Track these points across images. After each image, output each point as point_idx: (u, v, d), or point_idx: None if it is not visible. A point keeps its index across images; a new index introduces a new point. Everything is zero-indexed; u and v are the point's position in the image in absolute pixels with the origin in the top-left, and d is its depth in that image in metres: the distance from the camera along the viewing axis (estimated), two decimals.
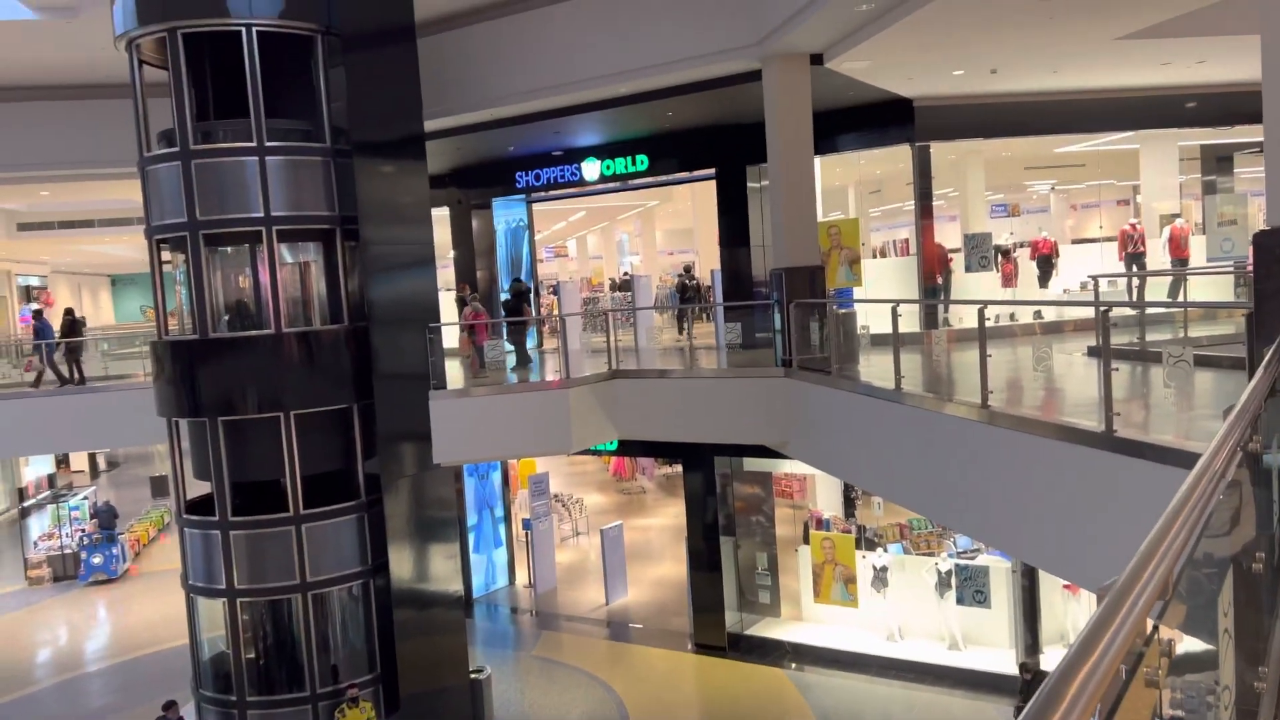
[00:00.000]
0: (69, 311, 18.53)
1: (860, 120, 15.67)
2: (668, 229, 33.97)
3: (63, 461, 35.10)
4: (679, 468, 18.95)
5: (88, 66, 15.09)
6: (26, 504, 31.23)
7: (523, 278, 19.41)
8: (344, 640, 13.58)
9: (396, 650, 13.17)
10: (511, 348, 15.09)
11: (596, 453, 23.16)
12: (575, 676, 16.23)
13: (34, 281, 36.29)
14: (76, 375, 17.33)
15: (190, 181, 12.49)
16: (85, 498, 26.26)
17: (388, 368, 13.05)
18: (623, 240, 35.63)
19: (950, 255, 16.19)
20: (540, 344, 17.18)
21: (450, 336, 15.45)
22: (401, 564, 13.25)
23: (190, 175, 12.49)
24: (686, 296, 18.96)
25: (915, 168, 15.85)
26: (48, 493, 31.79)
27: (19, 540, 26.61)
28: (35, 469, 33.13)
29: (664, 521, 23.91)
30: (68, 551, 23.62)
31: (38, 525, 26.51)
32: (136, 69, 13.00)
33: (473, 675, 14.37)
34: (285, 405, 12.70)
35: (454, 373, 14.64)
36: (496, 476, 20.79)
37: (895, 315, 9.62)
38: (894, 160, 16.92)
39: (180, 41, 12.35)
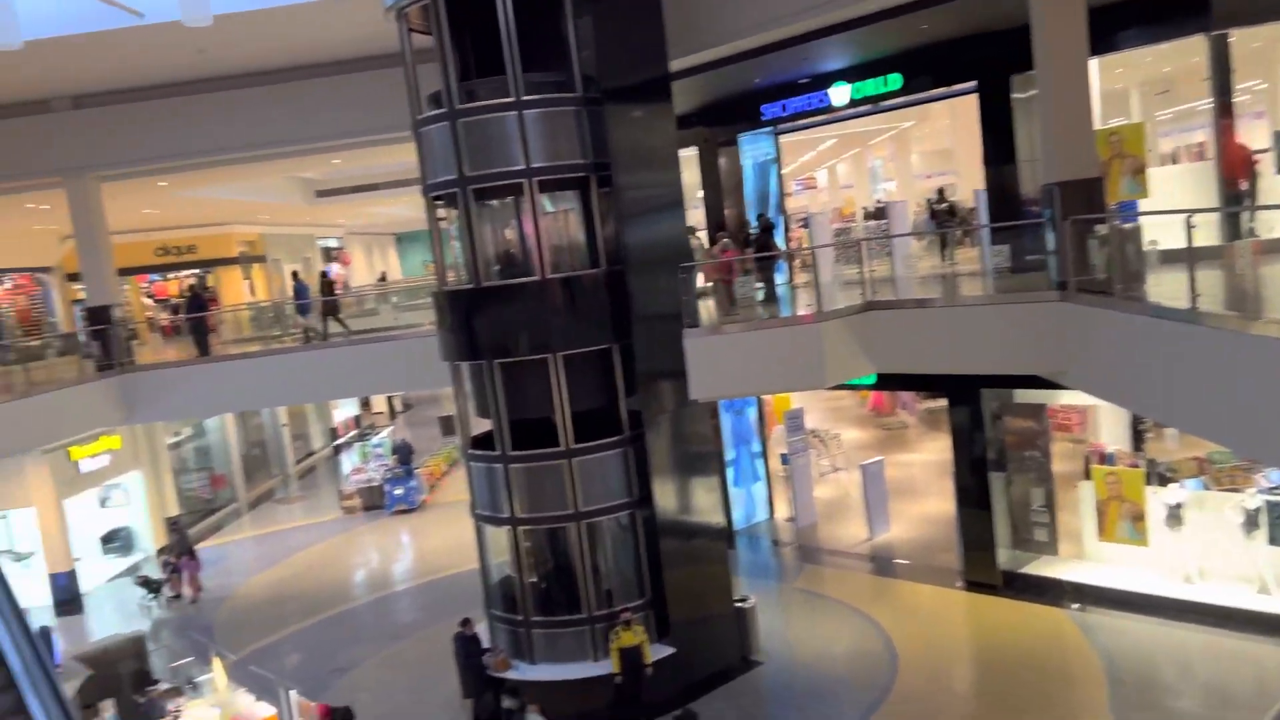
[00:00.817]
0: (323, 274, 20.58)
1: (1143, 12, 14.04)
2: (924, 151, 32.35)
3: (366, 404, 39.20)
4: (943, 402, 18.22)
5: (366, 40, 16.36)
6: (338, 443, 35.23)
7: (770, 213, 19.20)
8: (616, 567, 14.33)
9: (664, 578, 13.74)
10: (761, 284, 15.03)
11: (854, 388, 22.72)
12: (839, 610, 16.22)
13: (332, 243, 40.38)
14: (335, 329, 19.38)
15: (458, 140, 13.34)
16: (386, 437, 29.20)
17: (644, 308, 13.43)
18: (875, 167, 34.31)
19: (1257, 156, 14.26)
20: (791, 279, 16.98)
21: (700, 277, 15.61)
22: (665, 496, 13.74)
23: (457, 134, 13.34)
24: (940, 222, 18.02)
25: (1212, 60, 14.03)
26: (355, 433, 35.70)
27: (334, 474, 30.12)
28: (343, 412, 37.22)
29: (927, 457, 23.17)
30: (374, 484, 26.41)
31: (348, 461, 29.86)
32: (405, 38, 13.98)
33: (737, 604, 14.73)
34: (552, 347, 13.43)
35: (707, 311, 14.81)
36: (752, 412, 20.95)
37: (1189, 226, 8.64)
38: (1185, 54, 15.06)
39: (442, 7, 13.12)
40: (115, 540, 23.43)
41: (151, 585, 19.91)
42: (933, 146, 31.52)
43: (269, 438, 31.05)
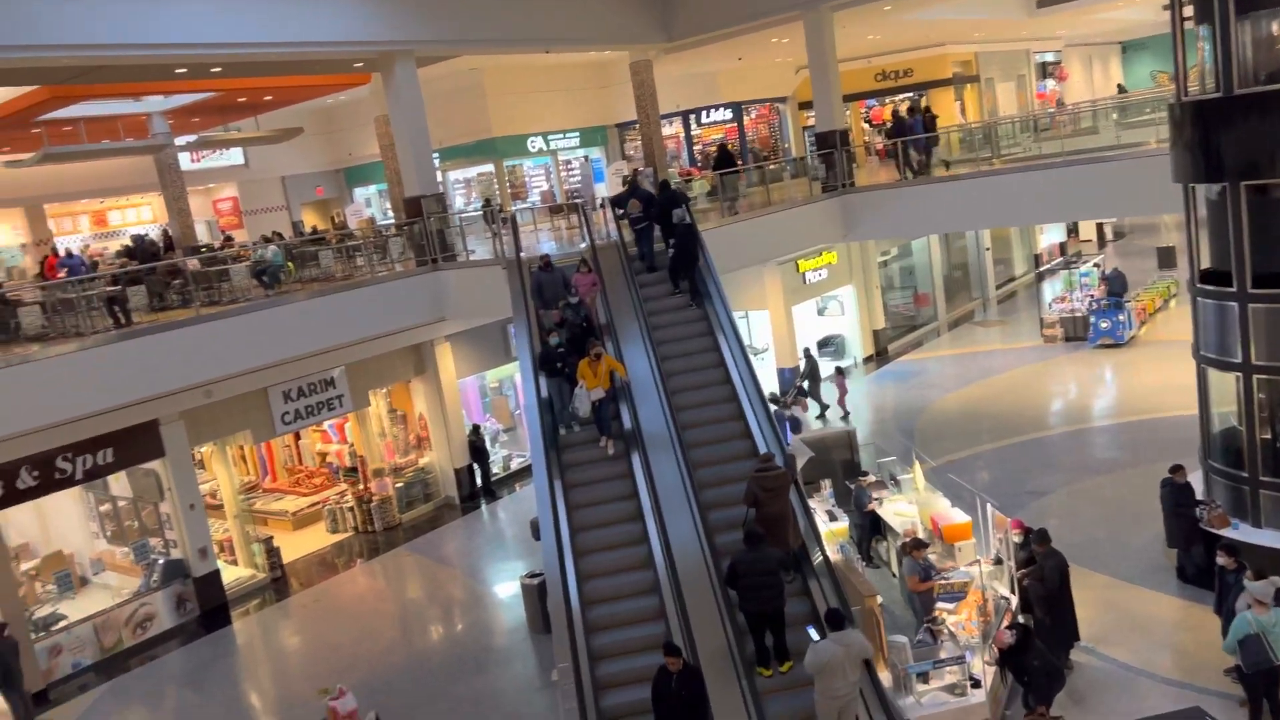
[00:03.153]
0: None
1: None
2: None
3: (1072, 231, 37.15)
4: None
5: None
6: (1041, 270, 34.22)
7: None
8: None
9: None
10: None
11: None
12: None
13: (1048, 57, 37.91)
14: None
15: None
16: (1094, 265, 27.47)
17: None
18: None
19: None
20: None
21: None
22: None
23: None
24: None
25: None
26: (1059, 260, 34.26)
27: (1035, 301, 29.45)
28: (1048, 238, 35.83)
29: None
30: (1077, 315, 25.25)
31: (1050, 289, 28.85)
32: None
33: None
34: None
35: None
36: None
37: None
38: None
39: None
40: (829, 345, 26.28)
41: (777, 400, 20.83)
42: None
43: (971, 261, 31.43)
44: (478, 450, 20.58)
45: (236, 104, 22.76)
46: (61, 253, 20.38)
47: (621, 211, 15.55)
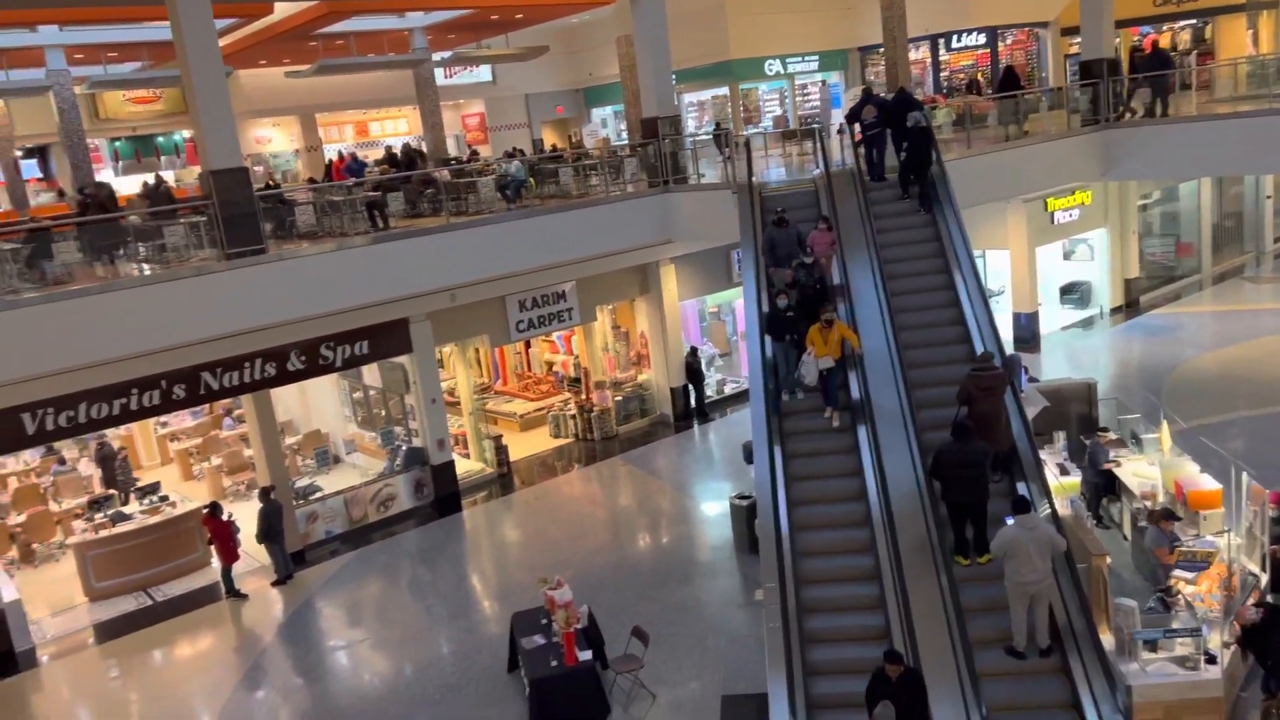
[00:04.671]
0: None
1: None
2: None
3: None
4: None
5: None
6: None
7: None
8: None
9: None
10: None
11: None
12: None
13: None
14: None
15: None
16: None
17: None
18: None
19: None
20: None
21: None
22: None
23: None
24: None
25: None
26: None
27: None
28: None
29: None
30: None
31: None
32: None
33: None
34: None
35: None
36: None
37: None
38: None
39: None
40: (1074, 292, 24.59)
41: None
42: None
43: (1247, 209, 28.26)
44: (693, 372, 20.94)
45: (490, 21, 23.69)
46: (346, 156, 22.21)
47: (856, 123, 15.21)
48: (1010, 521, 8.93)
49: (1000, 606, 9.25)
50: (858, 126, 15.29)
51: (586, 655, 10.90)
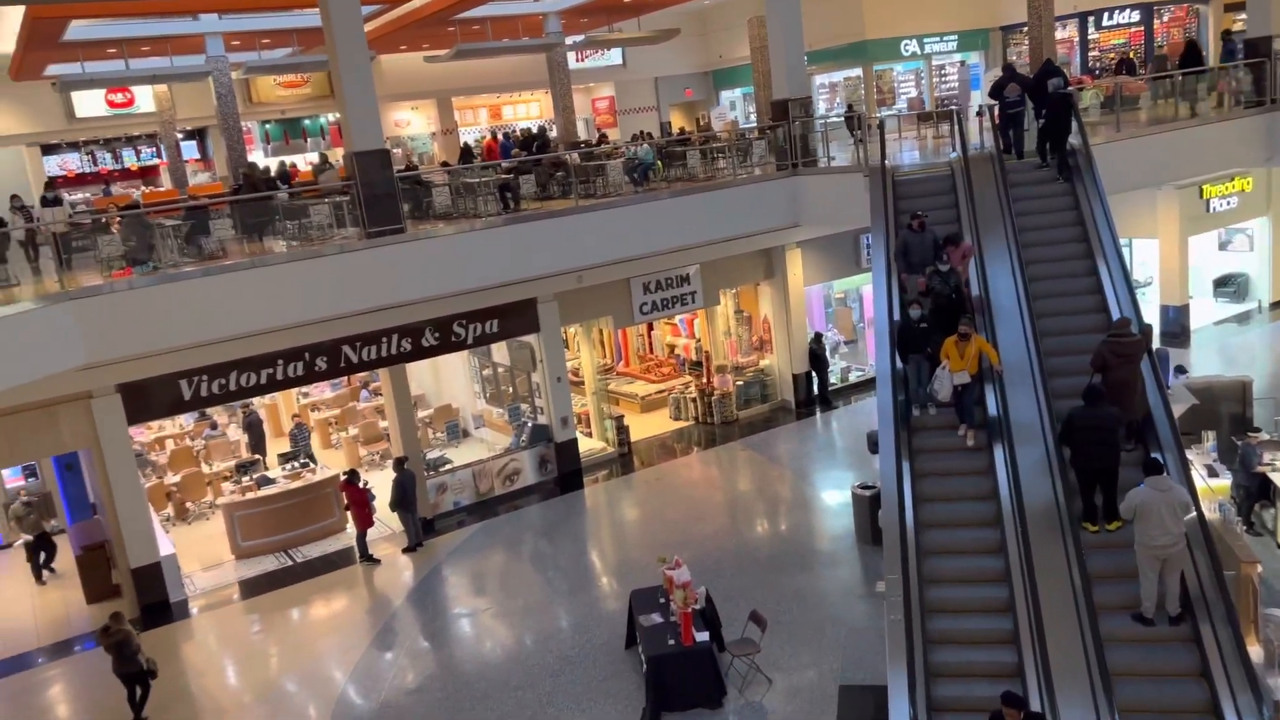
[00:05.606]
0: None
1: None
2: None
3: None
4: None
5: None
6: None
7: None
8: None
9: None
10: None
11: None
12: None
13: None
14: None
15: None
16: None
17: None
18: None
19: None
20: None
21: None
22: None
23: None
24: None
25: None
26: None
27: None
28: None
29: None
30: None
31: None
32: None
33: None
34: None
35: None
36: None
37: None
38: None
39: None
40: (1229, 285, 23.15)
41: None
42: None
43: None
44: (817, 358, 20.68)
45: (622, 4, 23.81)
46: (500, 137, 22.86)
47: (997, 100, 14.79)
48: (1142, 486, 8.76)
49: (1129, 574, 9.03)
50: (996, 107, 14.87)
51: (704, 636, 10.97)
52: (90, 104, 25.73)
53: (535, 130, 25.10)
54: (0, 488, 18.35)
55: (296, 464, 17.86)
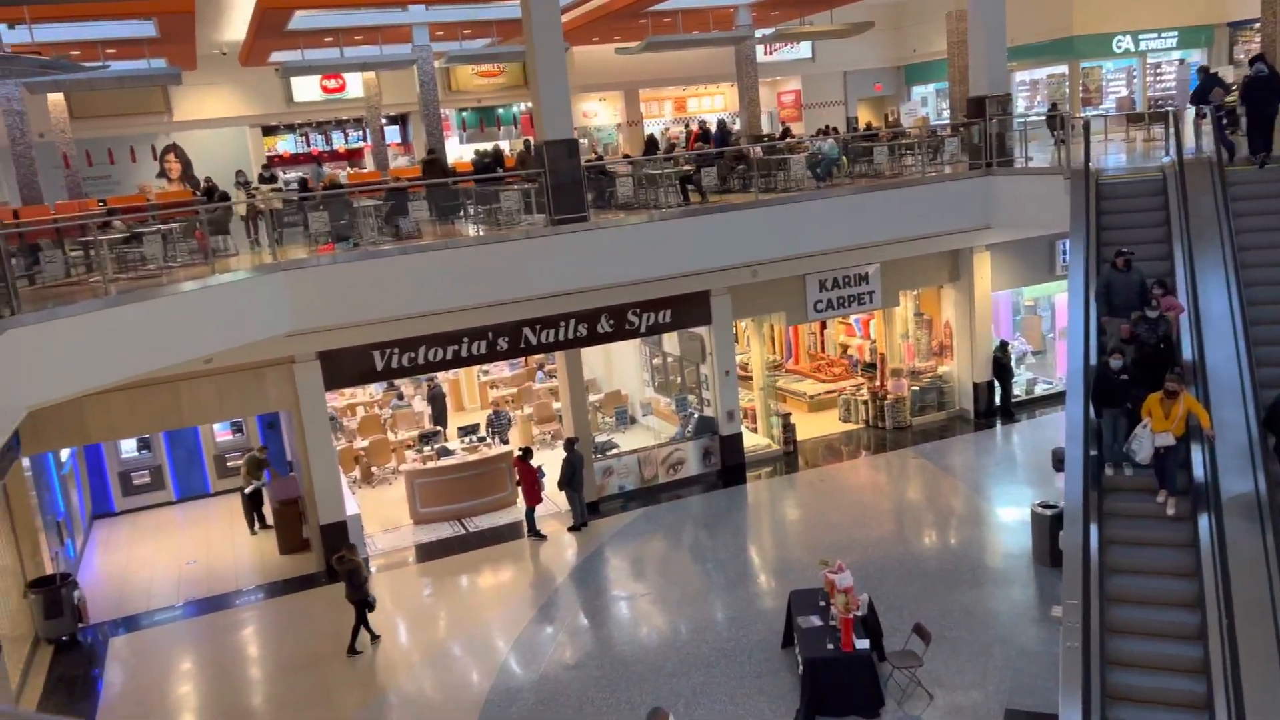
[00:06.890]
0: None
1: None
2: None
3: None
4: None
5: None
6: None
7: None
8: None
9: None
10: None
11: None
12: None
13: None
14: None
15: None
16: None
17: None
18: None
19: None
20: None
21: None
22: None
23: None
24: None
25: None
26: None
27: None
28: None
29: None
30: None
31: None
32: None
33: None
34: None
35: None
36: None
37: None
38: None
39: None
40: None
41: None
42: None
43: None
44: (1001, 368, 19.78)
45: None
46: (700, 127, 23.18)
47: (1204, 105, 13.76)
48: None
49: None
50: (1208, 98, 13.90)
51: (864, 644, 10.74)
52: (307, 89, 27.68)
53: (708, 124, 25.12)
54: (211, 440, 20.02)
55: (474, 438, 18.63)
